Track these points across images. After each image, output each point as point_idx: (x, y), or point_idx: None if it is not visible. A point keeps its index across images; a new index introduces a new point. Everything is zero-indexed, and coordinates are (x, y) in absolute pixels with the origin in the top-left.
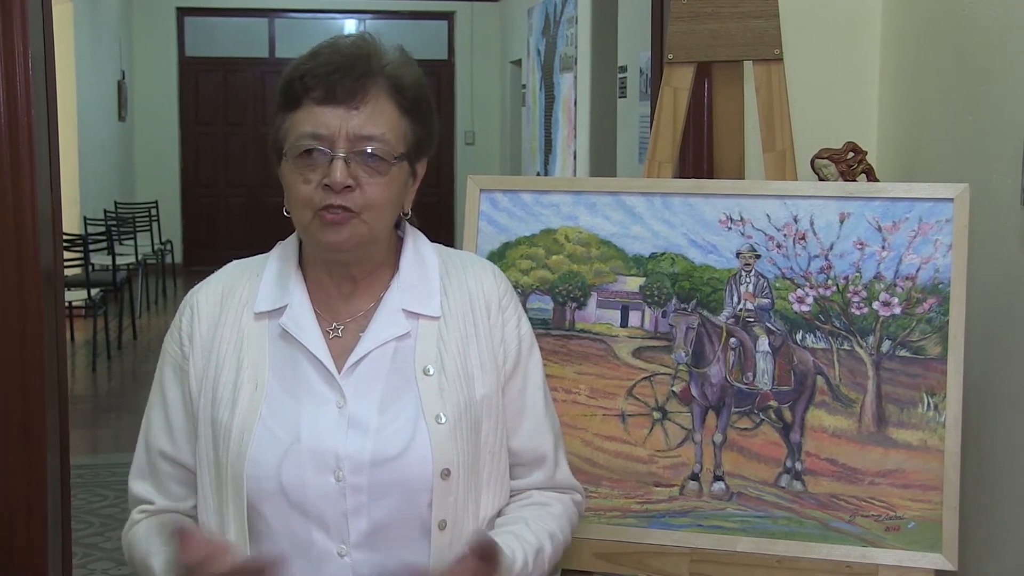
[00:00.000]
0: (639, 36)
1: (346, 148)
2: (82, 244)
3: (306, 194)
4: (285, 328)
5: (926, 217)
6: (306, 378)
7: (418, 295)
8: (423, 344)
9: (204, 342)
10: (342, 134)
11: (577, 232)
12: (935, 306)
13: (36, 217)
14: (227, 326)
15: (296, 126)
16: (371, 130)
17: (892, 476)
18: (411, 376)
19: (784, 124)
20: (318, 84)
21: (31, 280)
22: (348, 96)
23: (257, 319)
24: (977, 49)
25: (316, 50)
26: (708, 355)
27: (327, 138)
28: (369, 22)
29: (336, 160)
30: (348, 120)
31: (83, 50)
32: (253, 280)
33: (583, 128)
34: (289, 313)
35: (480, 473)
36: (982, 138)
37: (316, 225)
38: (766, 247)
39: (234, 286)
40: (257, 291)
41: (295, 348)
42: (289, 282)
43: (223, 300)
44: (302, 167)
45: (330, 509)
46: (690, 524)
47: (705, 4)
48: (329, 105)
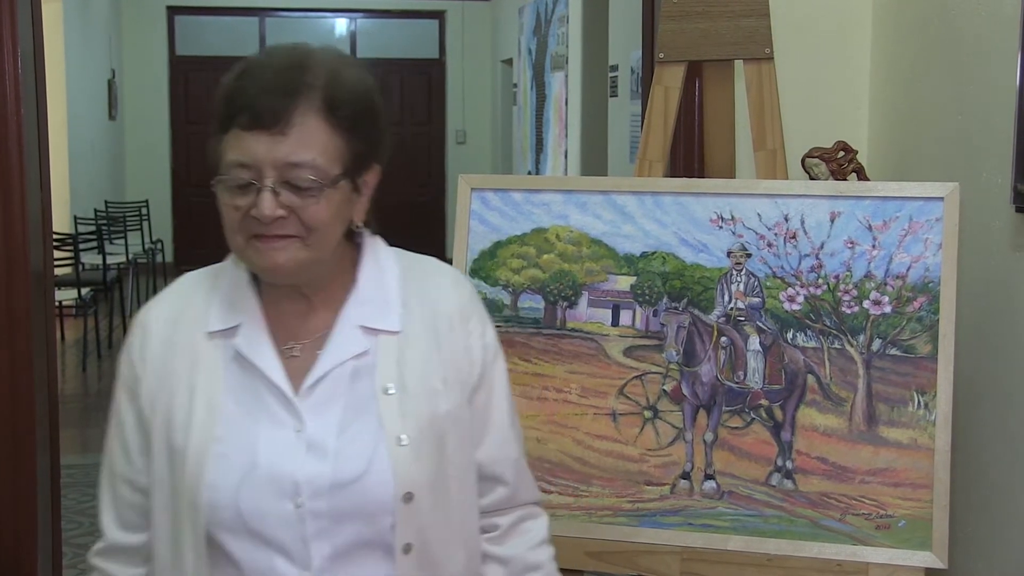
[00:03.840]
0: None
1: (274, 178)
2: (72, 243)
3: (235, 221)
4: (238, 350)
5: (916, 216)
6: (262, 401)
7: (376, 310)
8: (383, 361)
9: (156, 363)
10: (269, 162)
11: (568, 231)
12: (925, 305)
13: (26, 216)
14: (180, 346)
15: (226, 152)
16: (300, 156)
17: (882, 474)
18: (371, 396)
19: (775, 123)
20: (243, 108)
21: (21, 279)
22: (273, 121)
23: (209, 339)
24: (967, 49)
25: (246, 65)
26: (699, 354)
27: (253, 168)
28: (360, 21)
29: (264, 192)
30: (274, 148)
31: (73, 49)
32: (205, 297)
33: (574, 127)
34: (243, 333)
35: (448, 492)
36: (972, 137)
37: (251, 251)
38: (757, 246)
39: (186, 303)
40: (209, 309)
41: (250, 370)
42: (242, 300)
43: (175, 319)
44: (231, 195)
45: (291, 535)
46: (681, 523)
47: (696, 3)
48: (254, 131)
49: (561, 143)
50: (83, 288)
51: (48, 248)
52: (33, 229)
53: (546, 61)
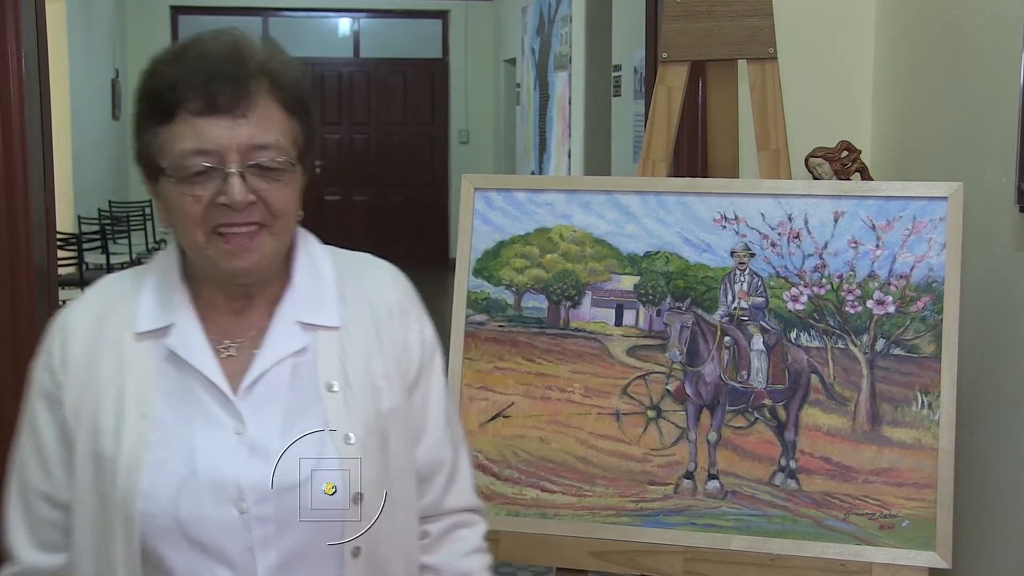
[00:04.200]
0: (633, 35)
1: (239, 163)
2: (76, 243)
3: (196, 213)
4: (172, 350)
5: (920, 216)
6: (199, 403)
7: (314, 305)
8: (324, 358)
9: (79, 368)
10: (232, 147)
11: (572, 231)
12: (929, 304)
13: (29, 216)
14: (105, 349)
15: (175, 141)
16: (264, 138)
17: (886, 474)
18: (314, 394)
19: (778, 123)
20: (194, 94)
21: (24, 279)
22: (232, 104)
23: (139, 340)
24: (970, 48)
25: (179, 52)
26: (702, 354)
27: (216, 154)
28: (363, 21)
29: (231, 177)
30: (236, 131)
31: (76, 49)
32: (130, 297)
33: (577, 127)
34: (176, 333)
35: (392, 493)
36: (975, 137)
37: (215, 249)
38: (760, 246)
39: (110, 305)
40: (137, 309)
41: (185, 371)
42: (173, 298)
43: (99, 321)
44: (189, 187)
45: (234, 544)
46: (684, 523)
47: (699, 3)
48: (212, 116)
49: (564, 143)
50: (86, 288)
51: (52, 248)
52: (36, 229)
53: (549, 61)
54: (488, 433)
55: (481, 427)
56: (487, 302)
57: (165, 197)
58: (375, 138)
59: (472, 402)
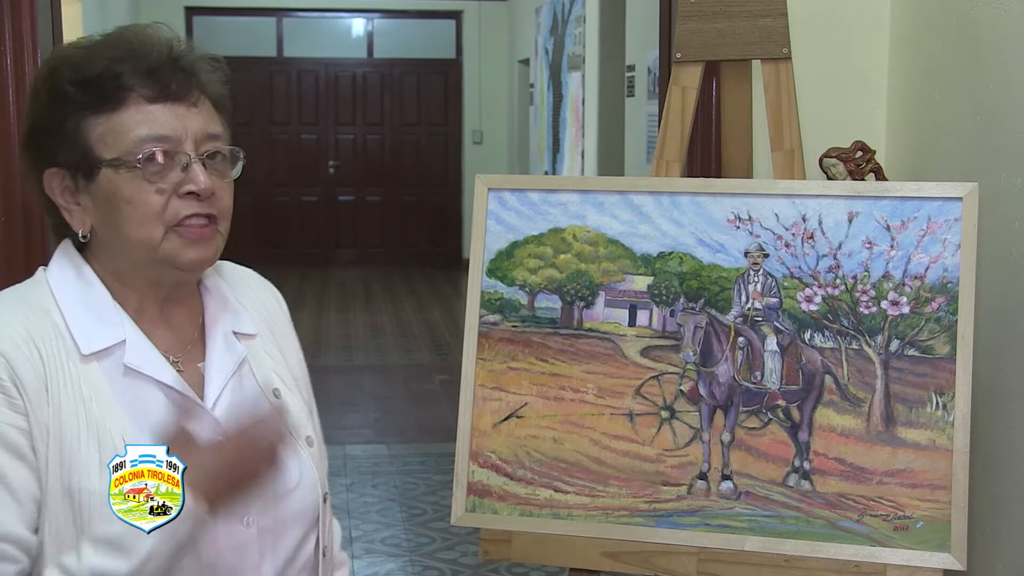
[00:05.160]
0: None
1: (195, 150)
2: None
3: (158, 206)
4: (132, 367)
5: (935, 216)
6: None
7: (234, 314)
8: (257, 365)
9: (35, 393)
10: (189, 135)
11: (585, 231)
12: (944, 305)
13: (44, 217)
14: (54, 375)
15: (128, 129)
16: (213, 128)
17: (900, 475)
18: (264, 402)
19: (792, 123)
20: (145, 80)
21: None
22: (184, 92)
23: (85, 362)
24: (986, 48)
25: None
26: (716, 354)
27: (173, 139)
28: (377, 21)
29: (194, 164)
30: (190, 119)
31: None
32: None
33: (591, 127)
34: (131, 349)
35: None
36: (991, 137)
37: (173, 243)
38: (774, 246)
39: (35, 326)
40: (67, 329)
41: (146, 388)
42: (111, 315)
43: (35, 344)
44: (149, 176)
45: (243, 559)
46: (698, 523)
47: (713, 3)
48: (165, 103)
49: (578, 143)
50: None
51: None
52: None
53: (563, 61)
54: (501, 433)
55: (494, 427)
56: (500, 302)
57: (108, 192)
58: (389, 138)
59: (485, 402)
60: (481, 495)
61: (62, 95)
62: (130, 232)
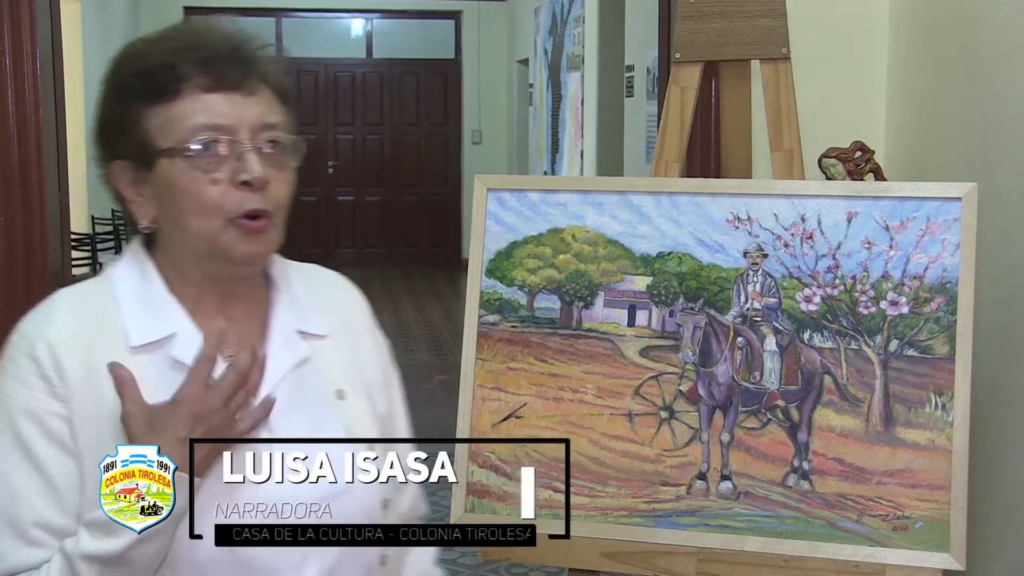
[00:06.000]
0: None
1: (251, 139)
2: (90, 243)
3: (215, 197)
4: (179, 359)
5: (934, 216)
6: None
7: (303, 313)
8: (324, 366)
9: (82, 386)
10: (244, 124)
11: (584, 231)
12: (943, 305)
13: (44, 216)
14: (103, 367)
15: (184, 118)
16: (271, 118)
17: (900, 475)
18: (326, 402)
19: (791, 123)
20: (200, 70)
21: (39, 279)
22: (239, 82)
23: (134, 354)
24: (985, 48)
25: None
26: (715, 354)
27: (229, 128)
28: (376, 21)
29: (248, 154)
30: (247, 108)
31: (91, 50)
32: (105, 311)
33: (590, 127)
34: (179, 342)
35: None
36: (990, 137)
37: (231, 236)
38: (773, 246)
39: (88, 319)
40: (125, 322)
41: None
42: (163, 308)
43: (84, 337)
44: (203, 165)
45: (282, 560)
46: (697, 523)
47: (712, 3)
48: (221, 92)
49: (577, 143)
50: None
51: (66, 248)
52: (51, 229)
53: (562, 61)
54: (500, 433)
55: (494, 427)
56: (500, 302)
57: (165, 182)
58: (388, 138)
59: (485, 402)
60: (480, 495)
61: (124, 87)
62: (188, 223)
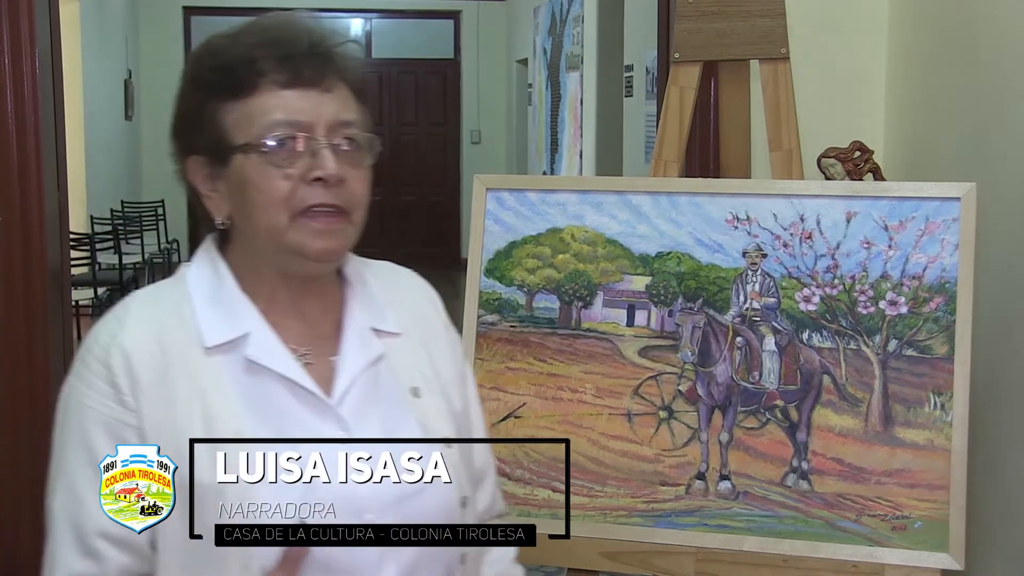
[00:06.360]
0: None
1: (327, 136)
2: (89, 243)
3: (285, 192)
4: (253, 359)
5: (933, 216)
6: (291, 414)
7: (377, 311)
8: (398, 364)
9: (153, 392)
10: (321, 120)
11: (583, 231)
12: (942, 305)
13: (43, 216)
14: (174, 369)
15: (261, 114)
16: (347, 115)
17: (899, 475)
18: (402, 400)
19: (790, 123)
20: (278, 65)
21: (38, 279)
22: (318, 78)
23: (208, 355)
24: (983, 48)
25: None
26: (714, 354)
27: (306, 125)
28: (375, 21)
29: (323, 150)
30: (323, 105)
31: (90, 49)
32: (178, 312)
33: (589, 127)
34: (253, 342)
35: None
36: (989, 137)
37: (300, 231)
38: (772, 246)
39: (161, 322)
40: (198, 322)
41: (268, 382)
42: (236, 308)
43: (157, 339)
44: (277, 161)
45: (360, 560)
46: (696, 523)
47: (711, 3)
48: (298, 88)
49: (576, 143)
50: (99, 288)
51: (65, 248)
52: (50, 229)
53: (561, 61)
54: (500, 433)
55: (493, 427)
56: (499, 302)
57: (240, 178)
58: (387, 138)
59: (484, 402)
60: None
61: (202, 82)
62: (258, 218)
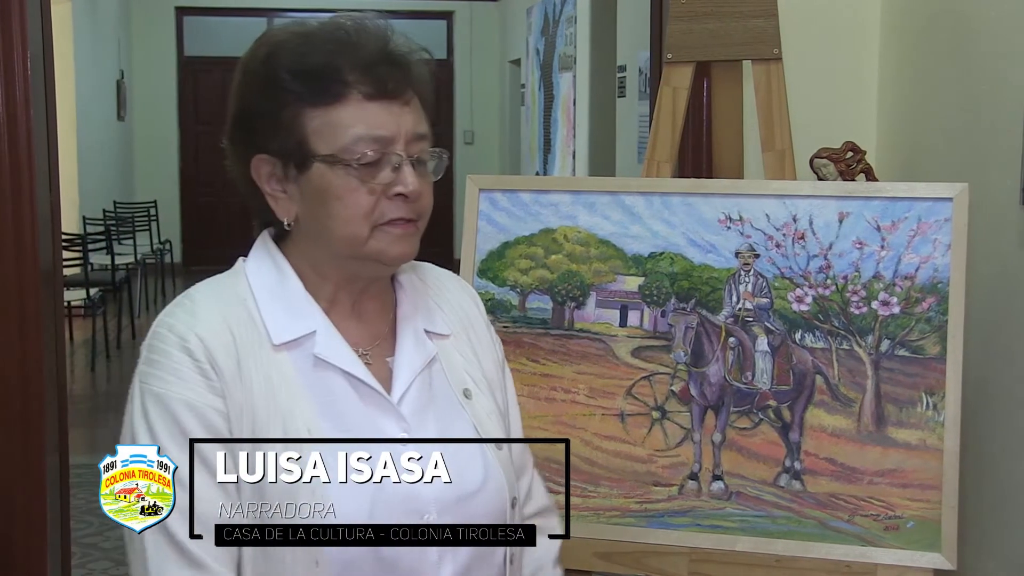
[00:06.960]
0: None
1: (406, 151)
2: (81, 244)
3: (368, 207)
4: (322, 357)
5: (925, 216)
6: (357, 413)
7: (427, 311)
8: (449, 365)
9: (231, 377)
10: (401, 134)
11: (576, 232)
12: (934, 305)
13: (35, 217)
14: (248, 361)
15: (346, 126)
16: (422, 128)
17: (891, 475)
18: (455, 401)
19: (783, 123)
20: (364, 77)
21: (30, 280)
22: (400, 90)
23: (276, 351)
24: (976, 48)
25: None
26: (707, 354)
27: (388, 140)
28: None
29: (405, 166)
30: (403, 118)
31: (82, 50)
32: (244, 305)
33: (582, 127)
34: (320, 340)
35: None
36: (981, 137)
37: (380, 240)
38: (765, 246)
39: (230, 314)
40: (266, 319)
41: (332, 379)
42: (304, 307)
43: (230, 331)
44: (362, 176)
45: (421, 558)
46: (689, 524)
47: (704, 3)
48: (381, 101)
49: (569, 143)
50: (92, 288)
51: (57, 248)
52: (42, 229)
53: (554, 61)
54: None
55: None
56: (492, 303)
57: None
58: None
59: None
60: None
61: (279, 83)
62: (336, 229)
